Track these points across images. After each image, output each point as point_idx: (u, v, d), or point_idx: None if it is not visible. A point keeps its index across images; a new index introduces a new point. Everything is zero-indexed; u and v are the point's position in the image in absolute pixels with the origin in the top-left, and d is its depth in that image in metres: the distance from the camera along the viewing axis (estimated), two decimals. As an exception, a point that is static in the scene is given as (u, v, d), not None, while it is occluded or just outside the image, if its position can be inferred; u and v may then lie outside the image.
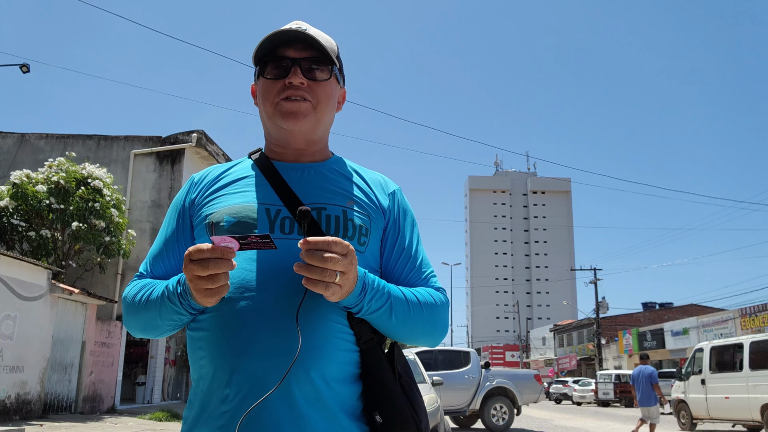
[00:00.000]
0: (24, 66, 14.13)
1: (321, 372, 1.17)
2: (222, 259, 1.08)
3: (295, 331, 1.15)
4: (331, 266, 1.07)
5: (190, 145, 16.77)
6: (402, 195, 1.45)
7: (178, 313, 1.21)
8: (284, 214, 1.27)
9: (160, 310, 1.23)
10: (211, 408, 1.19)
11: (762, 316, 29.07)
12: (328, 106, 1.36)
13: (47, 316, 11.82)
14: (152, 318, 1.26)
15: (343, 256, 1.09)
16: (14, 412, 10.69)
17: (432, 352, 13.55)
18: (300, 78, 1.30)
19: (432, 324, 1.30)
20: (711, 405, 14.20)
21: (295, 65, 1.31)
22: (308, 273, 1.08)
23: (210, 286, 1.09)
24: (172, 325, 1.26)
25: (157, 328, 1.28)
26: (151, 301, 1.25)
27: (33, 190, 13.33)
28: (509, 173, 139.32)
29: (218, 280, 1.09)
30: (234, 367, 1.17)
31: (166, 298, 1.21)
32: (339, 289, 1.10)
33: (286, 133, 1.34)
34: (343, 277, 1.10)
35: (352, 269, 1.12)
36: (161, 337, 1.37)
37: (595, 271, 43.06)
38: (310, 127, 1.34)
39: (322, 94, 1.33)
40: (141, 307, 1.27)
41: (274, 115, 1.33)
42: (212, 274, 1.08)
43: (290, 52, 1.32)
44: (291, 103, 1.31)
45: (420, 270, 1.37)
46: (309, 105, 1.32)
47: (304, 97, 1.31)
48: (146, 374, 16.87)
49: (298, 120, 1.31)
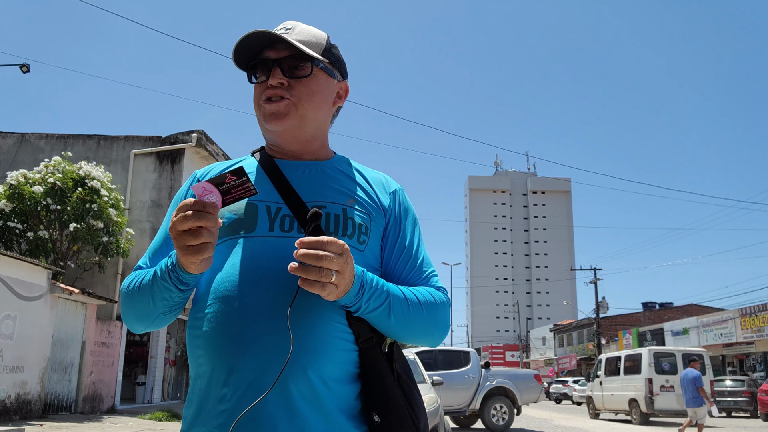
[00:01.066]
0: (24, 66, 14.12)
1: (319, 371, 1.16)
2: (203, 212, 1.07)
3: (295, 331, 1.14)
4: (326, 265, 1.07)
5: (190, 145, 16.76)
6: (403, 194, 1.45)
7: (168, 289, 1.20)
8: (284, 212, 1.27)
9: (152, 290, 1.22)
10: (209, 407, 1.19)
11: (762, 316, 29.03)
12: (312, 102, 1.34)
13: (47, 316, 11.81)
14: (145, 302, 1.25)
15: (338, 255, 1.09)
16: (14, 412, 10.68)
17: (432, 352, 13.56)
18: (279, 78, 1.30)
19: (432, 324, 1.30)
20: (605, 400, 20.17)
21: (275, 66, 1.31)
22: (304, 273, 1.07)
23: (192, 242, 1.08)
24: (165, 307, 1.25)
25: (150, 314, 1.27)
26: (144, 285, 1.25)
27: (29, 190, 13.25)
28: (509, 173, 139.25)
29: (200, 235, 1.07)
30: (231, 367, 1.16)
31: (158, 276, 1.21)
32: (335, 288, 1.10)
33: (274, 134, 1.35)
34: (339, 276, 1.10)
35: (348, 268, 1.11)
36: (156, 328, 1.34)
37: (595, 271, 43.05)
38: (296, 125, 1.33)
39: (304, 91, 1.32)
40: (135, 293, 1.27)
41: (261, 119, 1.35)
42: (194, 227, 1.07)
43: (271, 53, 1.32)
44: (270, 104, 1.32)
45: (421, 269, 1.36)
46: (288, 103, 1.31)
47: (283, 96, 1.31)
48: (146, 374, 16.86)
49: (279, 120, 1.31)
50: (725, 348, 32.67)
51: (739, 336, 30.74)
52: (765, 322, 28.78)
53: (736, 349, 31.89)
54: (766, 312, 28.73)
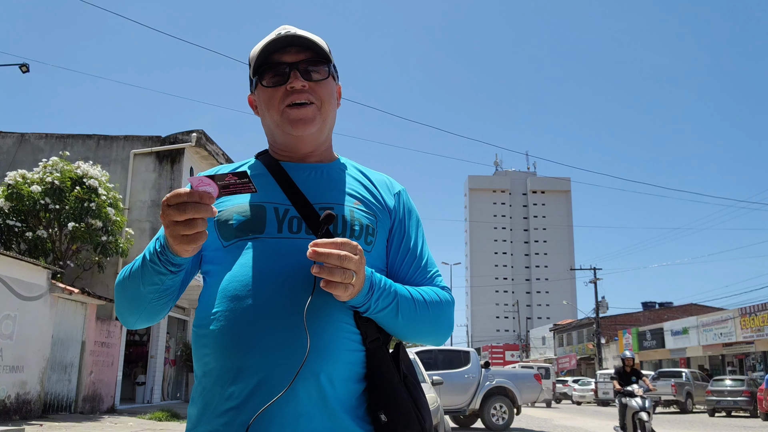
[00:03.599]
0: (24, 66, 14.10)
1: (327, 372, 1.16)
2: (200, 203, 1.06)
3: (301, 330, 1.14)
4: (347, 265, 1.08)
5: (189, 144, 16.75)
6: (407, 195, 1.46)
7: (158, 272, 1.19)
8: (292, 213, 1.27)
9: (142, 274, 1.22)
10: (215, 405, 1.19)
11: (762, 316, 29.05)
12: (331, 105, 1.37)
13: (47, 316, 11.81)
14: (135, 288, 1.24)
15: (355, 256, 1.10)
16: (14, 412, 10.68)
17: (432, 352, 13.57)
18: (301, 81, 1.31)
19: (438, 322, 1.31)
20: None
21: (293, 69, 1.31)
22: (330, 276, 1.08)
23: (187, 232, 1.07)
24: (155, 292, 1.24)
25: (141, 300, 1.26)
26: (135, 271, 1.25)
27: (28, 190, 13.28)
28: (509, 173, 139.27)
29: (195, 226, 1.07)
30: (240, 365, 1.16)
31: (147, 261, 1.21)
32: (351, 288, 1.11)
33: (294, 139, 1.35)
34: (356, 277, 1.11)
35: (363, 268, 1.13)
36: (150, 320, 1.30)
37: (595, 270, 43.08)
38: (318, 129, 1.35)
39: (324, 94, 1.34)
40: (127, 281, 1.27)
41: (282, 123, 1.33)
42: (189, 218, 1.06)
43: (286, 57, 1.32)
44: (297, 110, 1.32)
45: (425, 269, 1.38)
46: (314, 107, 1.33)
47: (309, 100, 1.32)
48: (146, 374, 16.87)
49: (307, 126, 1.32)
50: (725, 348, 32.71)
51: (738, 336, 30.76)
52: (765, 321, 28.81)
53: (735, 349, 31.92)
54: (766, 312, 28.76)
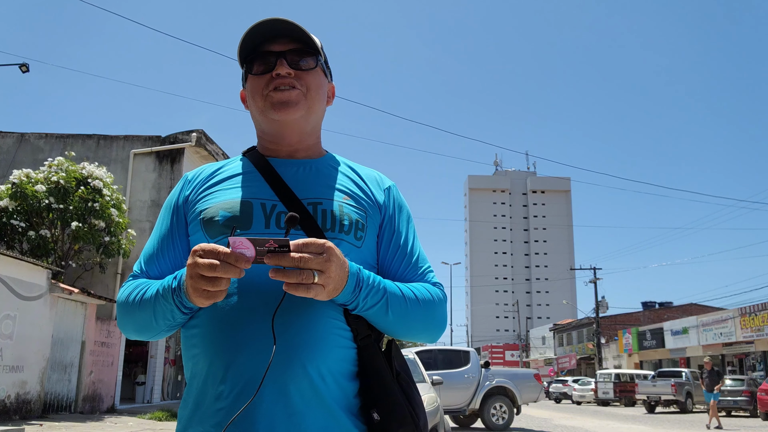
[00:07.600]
0: (23, 66, 14.11)
1: (317, 367, 1.16)
2: (233, 265, 1.03)
3: (291, 328, 1.14)
4: (303, 266, 1.04)
5: (189, 144, 16.76)
6: (397, 191, 1.44)
7: (171, 311, 1.18)
8: (280, 209, 1.26)
9: (154, 308, 1.21)
10: (206, 405, 1.18)
11: (762, 316, 29.04)
12: (318, 95, 1.35)
13: (47, 316, 11.81)
14: (146, 318, 1.23)
15: (318, 255, 1.06)
16: (14, 412, 10.68)
17: (432, 352, 13.57)
18: (286, 68, 1.30)
19: (429, 319, 1.29)
20: None
21: (280, 58, 1.30)
22: (284, 278, 1.05)
23: (210, 288, 1.05)
24: (167, 326, 1.23)
25: (151, 329, 1.25)
26: (146, 300, 1.22)
27: (32, 189, 13.30)
28: (509, 172, 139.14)
29: (219, 284, 1.05)
30: (229, 363, 1.16)
31: (160, 295, 1.19)
32: (322, 289, 1.08)
33: (279, 125, 1.33)
34: (323, 275, 1.07)
35: (332, 266, 1.08)
36: (156, 339, 1.34)
37: (595, 270, 43.04)
38: (303, 116, 1.33)
39: (312, 83, 1.33)
40: (135, 306, 1.25)
41: (266, 108, 1.32)
42: (217, 277, 1.04)
43: (274, 47, 1.31)
44: (281, 93, 1.30)
45: (417, 265, 1.36)
46: (299, 92, 1.31)
47: (293, 85, 1.30)
48: (146, 374, 16.87)
49: (290, 109, 1.30)
50: (725, 347, 32.69)
51: (738, 335, 30.74)
52: (765, 321, 28.79)
53: (735, 349, 31.90)
54: (766, 311, 28.74)
